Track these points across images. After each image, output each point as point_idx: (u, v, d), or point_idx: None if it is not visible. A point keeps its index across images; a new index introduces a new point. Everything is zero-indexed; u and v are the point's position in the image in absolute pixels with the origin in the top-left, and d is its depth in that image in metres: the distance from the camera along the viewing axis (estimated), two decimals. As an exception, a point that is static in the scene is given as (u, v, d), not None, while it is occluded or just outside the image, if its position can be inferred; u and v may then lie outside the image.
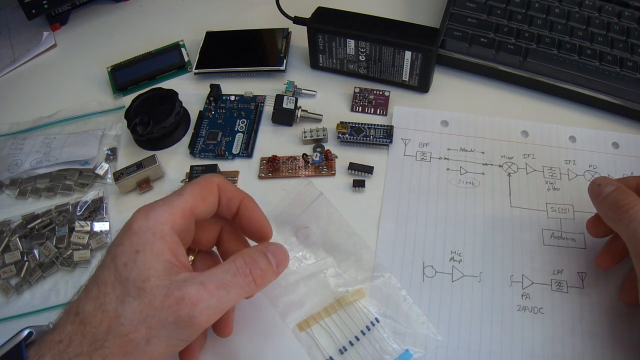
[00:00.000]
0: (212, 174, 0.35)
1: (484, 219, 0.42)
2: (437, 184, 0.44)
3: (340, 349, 0.36)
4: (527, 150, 0.46)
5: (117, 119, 0.51)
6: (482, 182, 0.44)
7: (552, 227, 0.42)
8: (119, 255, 0.29)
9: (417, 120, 0.48)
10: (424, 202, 0.43)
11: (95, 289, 0.29)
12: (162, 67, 0.54)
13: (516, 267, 0.40)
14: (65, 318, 0.29)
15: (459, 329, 0.37)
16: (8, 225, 0.44)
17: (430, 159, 0.46)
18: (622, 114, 0.48)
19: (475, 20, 0.51)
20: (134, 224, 0.30)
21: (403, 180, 0.45)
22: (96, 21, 0.61)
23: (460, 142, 0.47)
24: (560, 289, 0.39)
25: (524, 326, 0.37)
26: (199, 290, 0.28)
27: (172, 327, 0.28)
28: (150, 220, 0.30)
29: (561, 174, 0.45)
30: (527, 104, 0.50)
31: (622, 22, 0.51)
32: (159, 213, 0.30)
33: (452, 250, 0.41)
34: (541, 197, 0.43)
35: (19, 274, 0.42)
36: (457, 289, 0.39)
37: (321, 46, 0.50)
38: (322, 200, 0.43)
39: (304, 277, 0.39)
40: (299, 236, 0.41)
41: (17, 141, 0.49)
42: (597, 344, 0.36)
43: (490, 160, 0.46)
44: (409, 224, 0.42)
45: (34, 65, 0.58)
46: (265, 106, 0.51)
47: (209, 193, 0.33)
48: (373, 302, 0.38)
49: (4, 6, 0.63)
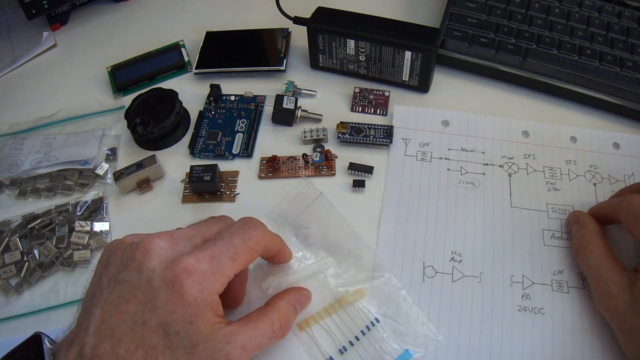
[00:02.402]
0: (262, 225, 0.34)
1: (484, 219, 0.42)
2: (437, 184, 0.44)
3: (340, 348, 0.36)
4: (527, 151, 0.46)
5: (117, 119, 0.51)
6: (482, 182, 0.44)
7: (552, 228, 0.42)
8: (171, 323, 0.28)
9: (418, 119, 0.48)
10: (424, 202, 0.43)
11: (141, 352, 0.28)
12: (162, 67, 0.54)
13: (516, 267, 0.40)
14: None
15: (459, 329, 0.37)
16: (8, 225, 0.44)
17: (431, 159, 0.46)
18: (622, 114, 0.48)
19: (475, 20, 0.51)
20: (187, 293, 0.28)
21: (404, 180, 0.44)
22: (96, 21, 0.61)
23: (460, 142, 0.47)
24: (561, 290, 0.39)
25: (524, 326, 0.37)
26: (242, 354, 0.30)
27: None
28: (205, 293, 0.29)
29: (562, 174, 0.45)
30: (527, 104, 0.50)
31: (622, 22, 0.51)
32: (213, 285, 0.29)
33: (453, 250, 0.41)
34: (542, 197, 0.43)
35: (19, 274, 0.42)
36: (457, 289, 0.39)
37: (321, 46, 0.50)
38: (322, 200, 0.43)
39: (304, 277, 0.39)
40: (299, 236, 0.41)
41: (17, 141, 0.49)
42: (597, 345, 0.36)
43: (491, 160, 0.45)
44: (409, 223, 0.42)
45: (34, 65, 0.58)
46: (265, 106, 0.51)
47: (256, 257, 0.33)
48: (373, 302, 0.38)
49: (4, 6, 0.63)
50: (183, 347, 0.28)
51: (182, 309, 0.28)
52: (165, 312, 0.28)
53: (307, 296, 0.37)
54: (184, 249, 0.30)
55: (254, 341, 0.31)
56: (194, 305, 0.28)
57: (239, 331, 0.30)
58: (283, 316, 0.33)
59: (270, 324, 0.32)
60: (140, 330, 0.28)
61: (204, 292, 0.29)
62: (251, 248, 0.32)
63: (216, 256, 0.30)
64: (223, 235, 0.32)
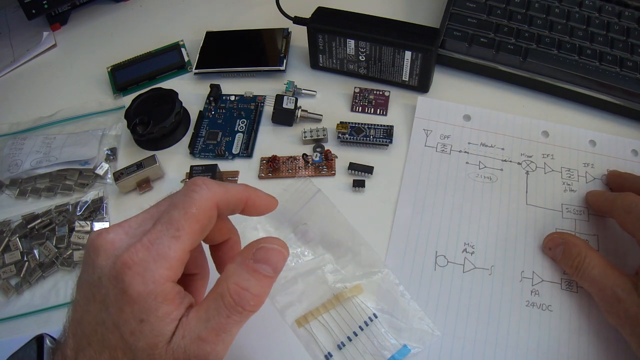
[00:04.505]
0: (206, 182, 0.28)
1: (499, 214, 0.43)
2: (455, 176, 0.45)
3: (338, 344, 0.36)
4: (546, 150, 0.46)
5: (117, 119, 0.51)
6: (500, 177, 0.45)
7: (566, 227, 0.42)
8: (122, 324, 0.25)
9: (440, 112, 0.48)
10: (441, 192, 0.44)
11: (107, 354, 0.26)
12: (162, 67, 0.54)
13: (527, 263, 0.40)
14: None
15: (467, 318, 0.38)
16: (8, 225, 0.44)
17: (451, 152, 0.46)
18: (622, 113, 0.48)
19: (475, 20, 0.51)
20: (129, 289, 0.25)
21: (422, 170, 0.45)
22: (96, 21, 0.61)
23: (481, 137, 0.47)
24: (570, 288, 0.39)
25: (530, 322, 0.38)
26: (202, 346, 0.26)
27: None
28: (149, 284, 0.25)
29: (579, 176, 0.45)
30: (527, 104, 0.50)
31: (622, 22, 0.51)
32: (158, 273, 0.25)
33: (466, 242, 0.41)
34: (557, 197, 0.43)
35: (19, 274, 0.42)
36: (467, 279, 0.39)
37: (321, 46, 0.50)
38: (320, 197, 0.43)
39: (302, 273, 0.39)
40: (297, 233, 0.41)
41: (17, 141, 0.49)
42: (602, 345, 0.36)
43: (509, 157, 0.46)
44: (424, 212, 0.43)
45: (34, 65, 0.58)
46: (265, 106, 0.51)
47: (209, 221, 0.28)
48: (371, 297, 0.38)
49: (4, 6, 0.63)
50: (142, 349, 0.25)
51: (129, 306, 0.25)
52: (116, 311, 0.25)
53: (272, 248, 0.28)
54: (132, 240, 0.27)
55: (209, 326, 0.26)
56: (139, 301, 0.25)
57: (191, 320, 0.26)
58: (232, 284, 0.26)
59: (219, 298, 0.26)
60: (102, 331, 0.26)
61: (148, 284, 0.25)
62: (194, 215, 0.27)
63: (155, 241, 0.26)
64: (162, 213, 0.27)
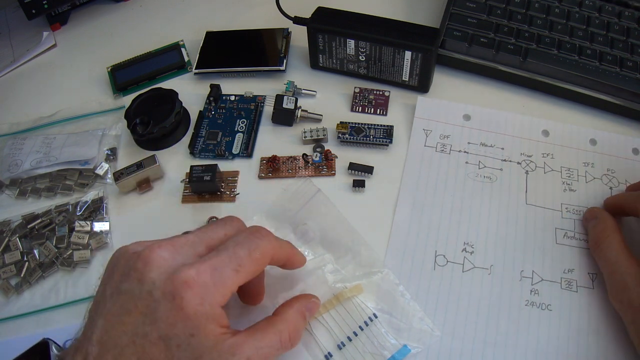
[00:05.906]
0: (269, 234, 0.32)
1: (498, 213, 0.43)
2: (455, 176, 0.45)
3: (338, 344, 0.36)
4: (546, 150, 0.46)
5: (117, 119, 0.51)
6: (499, 177, 0.45)
7: (565, 227, 0.42)
8: (172, 337, 0.27)
9: (440, 112, 0.48)
10: (440, 192, 0.44)
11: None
12: (162, 67, 0.54)
13: (527, 263, 0.40)
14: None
15: (466, 318, 0.38)
16: (8, 225, 0.44)
17: (450, 151, 0.46)
18: (622, 113, 0.48)
19: (475, 20, 0.51)
20: (187, 306, 0.27)
21: (422, 170, 0.45)
22: (96, 21, 0.61)
23: (481, 136, 0.47)
24: (570, 288, 0.39)
25: (530, 321, 0.38)
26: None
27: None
28: (206, 306, 0.28)
29: (579, 175, 0.45)
30: (527, 104, 0.50)
31: (622, 22, 0.51)
32: (215, 298, 0.28)
33: (465, 241, 0.41)
34: (557, 196, 0.43)
35: (19, 274, 0.42)
36: (467, 279, 0.39)
37: (321, 46, 0.50)
38: (320, 197, 0.43)
39: (302, 273, 0.39)
40: (297, 233, 0.41)
41: (17, 141, 0.49)
42: (602, 345, 0.36)
43: (509, 156, 0.46)
44: (424, 211, 0.43)
45: (34, 65, 0.58)
46: (265, 106, 0.51)
47: (263, 267, 0.32)
48: (371, 297, 0.38)
49: (4, 6, 0.63)
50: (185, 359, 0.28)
51: (182, 322, 0.28)
52: (166, 325, 0.27)
53: (316, 303, 0.36)
54: (186, 259, 0.29)
55: (260, 352, 0.30)
56: (194, 318, 0.28)
57: (244, 342, 0.29)
58: (292, 326, 0.32)
59: (279, 334, 0.31)
60: (142, 343, 0.27)
61: (205, 306, 0.28)
62: (257, 259, 0.31)
63: (218, 268, 0.29)
64: (227, 246, 0.31)
